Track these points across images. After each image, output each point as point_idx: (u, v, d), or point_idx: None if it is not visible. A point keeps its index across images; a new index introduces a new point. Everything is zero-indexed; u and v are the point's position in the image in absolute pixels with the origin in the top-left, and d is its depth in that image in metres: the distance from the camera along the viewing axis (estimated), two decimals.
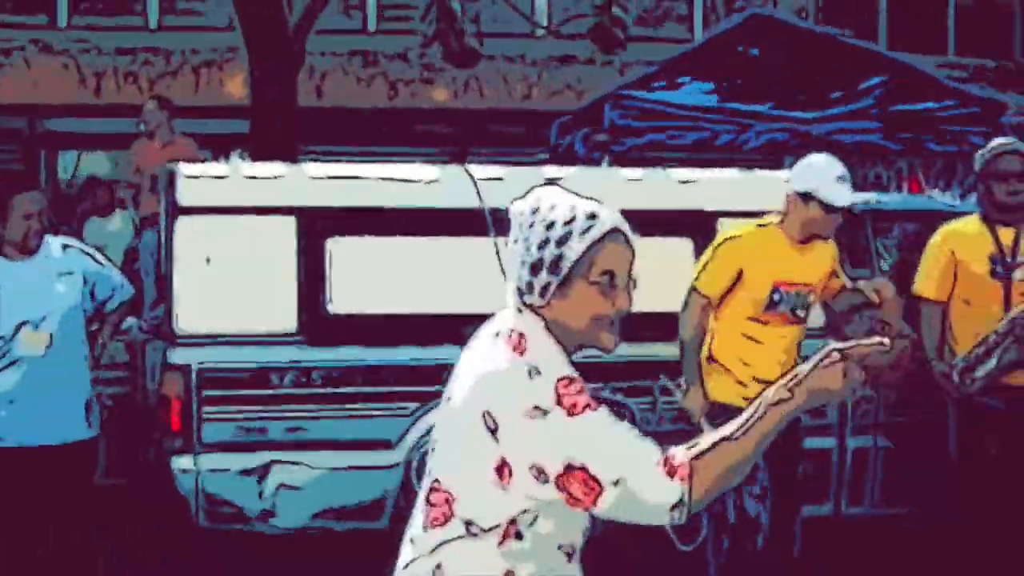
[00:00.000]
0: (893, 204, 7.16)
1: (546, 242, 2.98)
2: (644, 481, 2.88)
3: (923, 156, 11.08)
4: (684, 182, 7.06)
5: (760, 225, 6.22)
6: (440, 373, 6.36)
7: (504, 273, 6.51)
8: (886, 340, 2.92)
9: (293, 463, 6.36)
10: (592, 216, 3.00)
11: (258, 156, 11.27)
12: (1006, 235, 6.86)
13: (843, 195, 6.11)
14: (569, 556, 3.07)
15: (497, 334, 3.02)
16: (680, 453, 2.91)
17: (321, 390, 6.42)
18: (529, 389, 2.89)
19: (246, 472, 6.33)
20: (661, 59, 11.55)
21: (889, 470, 7.34)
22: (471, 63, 14.55)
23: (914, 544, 7.22)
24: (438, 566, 3.03)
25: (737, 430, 2.92)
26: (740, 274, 6.13)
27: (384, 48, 18.89)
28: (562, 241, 2.98)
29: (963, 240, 6.92)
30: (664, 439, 2.99)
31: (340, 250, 6.52)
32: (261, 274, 6.45)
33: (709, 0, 19.59)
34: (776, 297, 6.13)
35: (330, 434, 6.43)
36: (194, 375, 6.29)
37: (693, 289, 6.14)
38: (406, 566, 3.11)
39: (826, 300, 6.31)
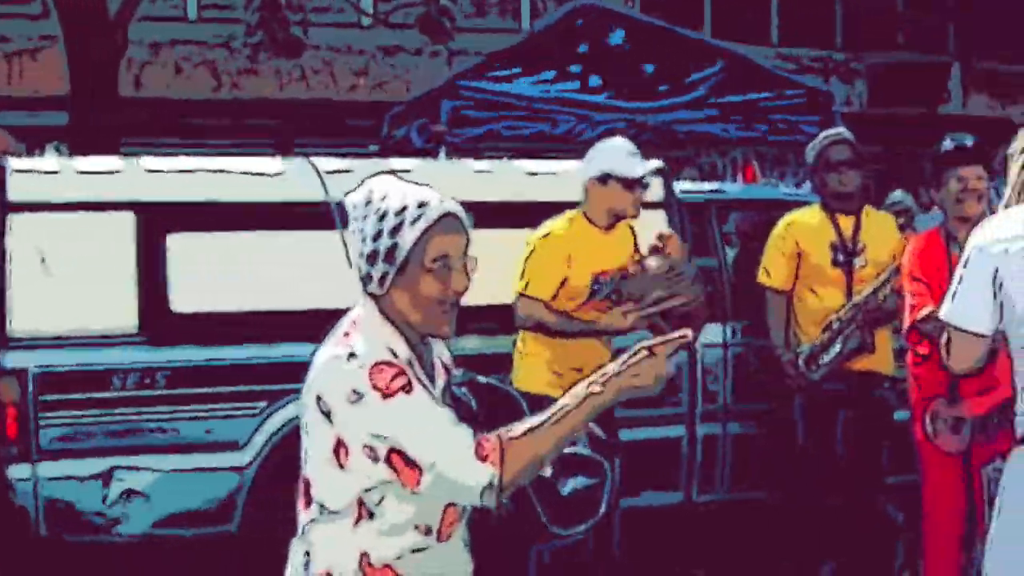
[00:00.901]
0: (735, 193, 7.19)
1: (380, 233, 3.06)
2: (456, 463, 2.98)
3: (757, 146, 11.24)
4: (532, 174, 7.00)
5: (569, 219, 6.17)
6: (288, 370, 6.29)
7: (351, 266, 6.43)
8: (688, 332, 3.06)
9: (138, 468, 6.14)
10: (422, 204, 3.08)
11: (77, 149, 10.95)
12: (846, 223, 6.97)
13: (638, 166, 6.09)
14: (428, 533, 3.12)
15: (344, 322, 3.14)
16: (493, 438, 3.00)
17: (165, 391, 6.20)
18: (347, 373, 2.99)
19: (88, 479, 6.09)
20: (489, 49, 11.52)
21: (739, 457, 7.40)
22: (296, 53, 14.31)
23: (765, 529, 7.31)
24: (307, 552, 3.16)
25: (548, 419, 3.02)
26: (566, 269, 6.05)
27: (206, 37, 18.50)
28: (395, 231, 3.05)
29: (805, 229, 7.01)
30: None
31: (181, 246, 6.30)
32: (99, 273, 6.19)
33: None
34: (596, 287, 6.11)
35: (176, 437, 6.21)
36: (30, 379, 6.02)
37: (526, 296, 6.03)
38: (291, 552, 3.23)
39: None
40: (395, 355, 3.07)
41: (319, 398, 3.03)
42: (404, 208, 3.06)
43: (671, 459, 7.24)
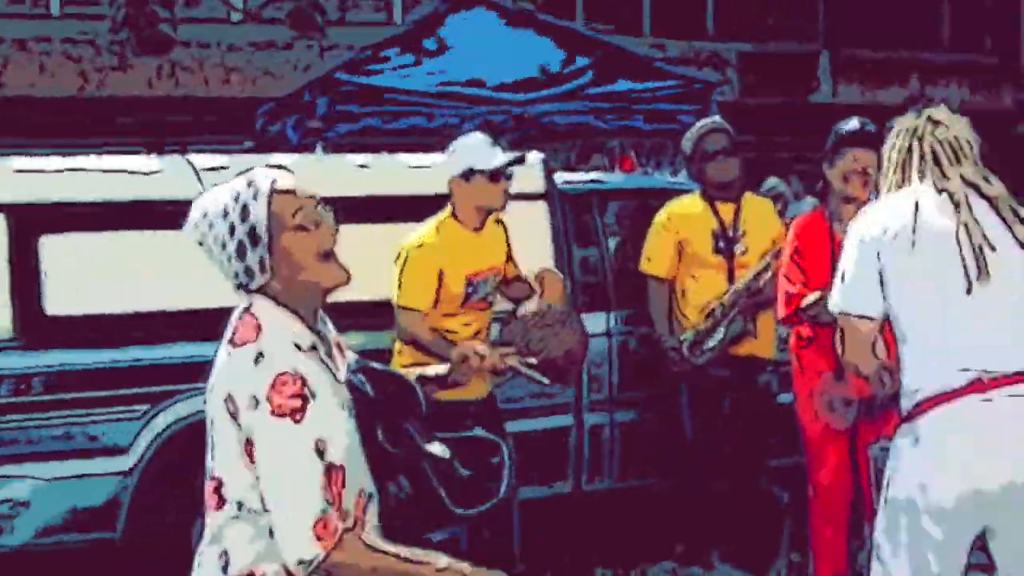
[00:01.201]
0: (616, 183, 7.22)
1: (233, 227, 3.07)
2: (290, 523, 3.00)
3: (634, 135, 11.29)
4: (415, 167, 6.95)
5: (437, 225, 6.05)
6: (169, 371, 6.21)
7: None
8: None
9: (18, 476, 5.99)
10: (250, 182, 3.11)
11: None
12: (726, 210, 7.06)
13: (498, 157, 6.00)
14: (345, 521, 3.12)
15: (238, 319, 3.14)
16: (340, 527, 3.01)
17: (43, 397, 6.03)
18: (252, 375, 3.01)
19: None
20: (361, 43, 11.44)
21: (626, 445, 7.42)
22: (164, 50, 14.08)
23: (655, 515, 7.35)
24: (223, 553, 3.13)
25: (403, 555, 3.06)
26: (439, 278, 5.96)
27: (71, 34, 18.13)
28: (245, 215, 3.07)
29: (686, 217, 7.09)
30: None
31: (55, 248, 6.14)
32: None
33: None
34: (470, 290, 6.05)
35: (56, 443, 6.06)
36: None
37: (403, 308, 5.91)
38: (199, 560, 3.19)
39: (501, 288, 6.24)
40: (300, 348, 3.07)
41: (228, 398, 3.03)
42: (238, 195, 3.09)
43: (559, 449, 7.23)
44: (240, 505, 3.09)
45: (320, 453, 3.00)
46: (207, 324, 6.23)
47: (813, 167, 7.09)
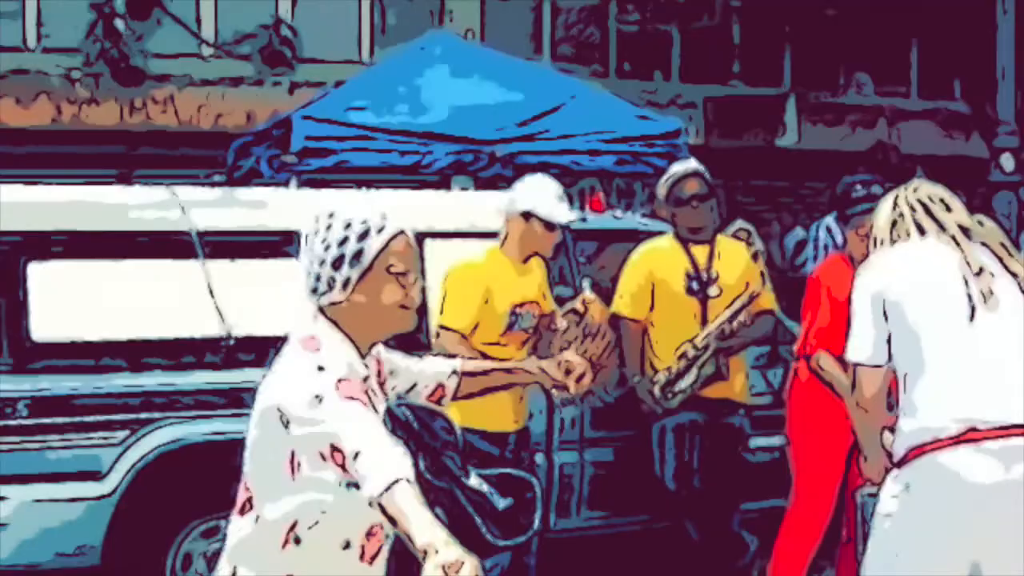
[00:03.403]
0: (594, 224, 7.35)
1: (346, 239, 3.20)
2: (378, 457, 2.99)
3: (604, 176, 11.39)
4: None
5: (486, 254, 6.32)
6: (148, 399, 6.29)
7: (212, 294, 6.41)
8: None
9: None
10: (385, 216, 3.27)
11: None
12: (700, 252, 7.11)
13: (563, 212, 6.30)
14: (347, 548, 3.22)
15: (297, 340, 3.24)
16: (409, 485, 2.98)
17: (26, 421, 6.13)
18: (314, 381, 3.08)
19: None
20: (331, 79, 11.52)
21: (596, 484, 7.48)
22: (137, 83, 14.19)
23: (626, 555, 7.40)
24: (235, 569, 3.25)
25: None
26: (484, 302, 6.18)
27: (45, 67, 18.16)
28: (362, 237, 3.20)
29: (660, 259, 7.13)
30: None
31: (42, 275, 6.24)
32: None
33: (378, 21, 19.67)
34: (513, 319, 6.23)
35: (37, 467, 6.15)
36: None
37: (443, 328, 6.12)
38: (220, 568, 3.31)
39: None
40: (352, 372, 3.16)
41: (280, 408, 3.10)
42: (367, 219, 3.22)
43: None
44: (258, 518, 3.21)
45: None
46: (187, 353, 6.42)
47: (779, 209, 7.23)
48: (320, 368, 3.11)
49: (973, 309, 4.24)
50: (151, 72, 14.13)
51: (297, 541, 3.18)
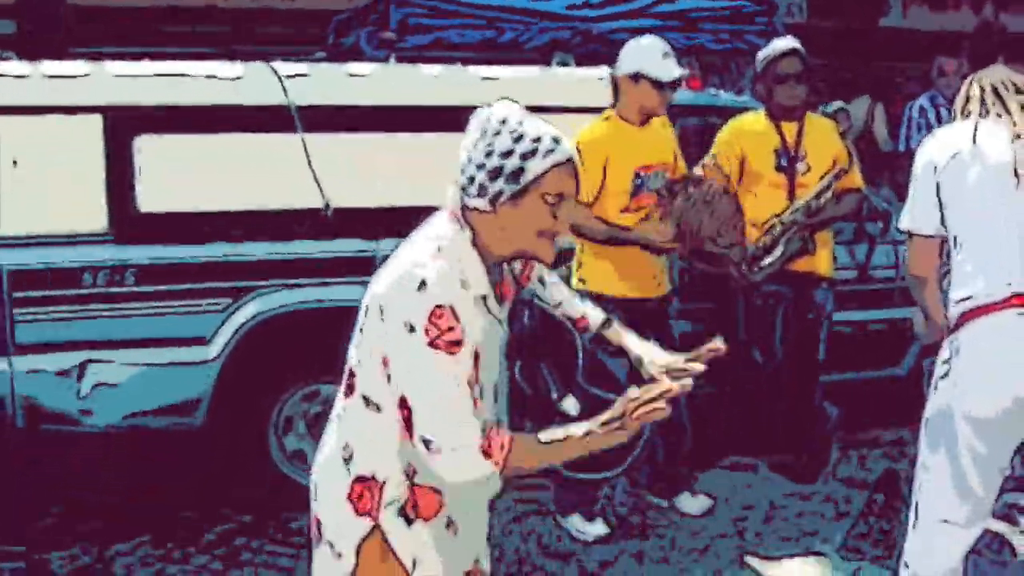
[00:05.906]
0: (683, 100, 7.40)
1: (510, 152, 3.11)
2: (451, 452, 3.01)
3: (701, 54, 11.37)
4: (486, 79, 7.18)
5: (604, 120, 6.37)
6: (250, 268, 6.52)
7: (311, 167, 6.56)
8: (674, 386, 3.07)
9: (108, 362, 6.33)
10: (557, 140, 3.17)
11: (26, 57, 10.93)
12: (789, 129, 7.16)
13: (671, 70, 6.31)
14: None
15: (428, 236, 3.17)
16: (503, 438, 3.04)
17: (133, 288, 6.37)
18: (411, 301, 3.01)
19: (62, 373, 6.27)
20: None
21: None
22: None
23: (707, 423, 7.55)
24: (346, 446, 3.24)
25: (567, 440, 3.08)
26: (604, 170, 6.29)
27: None
28: (527, 156, 3.11)
29: (749, 134, 7.18)
30: None
31: (148, 148, 6.43)
32: (70, 174, 6.32)
33: None
34: (638, 182, 6.32)
35: (144, 332, 6.39)
36: (5, 277, 6.17)
37: None
38: (324, 439, 3.33)
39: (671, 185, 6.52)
40: (466, 285, 3.11)
41: (383, 307, 3.06)
42: (539, 138, 3.13)
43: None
44: (367, 400, 3.17)
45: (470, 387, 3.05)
46: (286, 224, 6.62)
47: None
48: (423, 285, 3.01)
49: (1019, 179, 4.33)
50: None
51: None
